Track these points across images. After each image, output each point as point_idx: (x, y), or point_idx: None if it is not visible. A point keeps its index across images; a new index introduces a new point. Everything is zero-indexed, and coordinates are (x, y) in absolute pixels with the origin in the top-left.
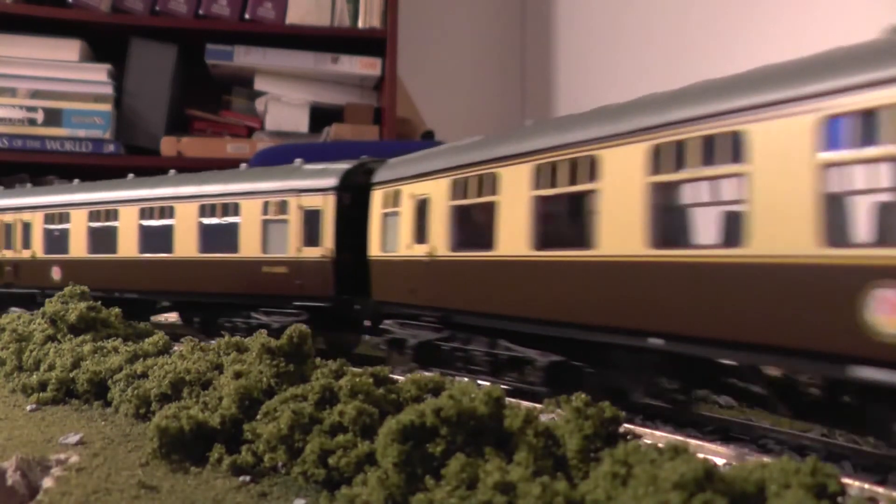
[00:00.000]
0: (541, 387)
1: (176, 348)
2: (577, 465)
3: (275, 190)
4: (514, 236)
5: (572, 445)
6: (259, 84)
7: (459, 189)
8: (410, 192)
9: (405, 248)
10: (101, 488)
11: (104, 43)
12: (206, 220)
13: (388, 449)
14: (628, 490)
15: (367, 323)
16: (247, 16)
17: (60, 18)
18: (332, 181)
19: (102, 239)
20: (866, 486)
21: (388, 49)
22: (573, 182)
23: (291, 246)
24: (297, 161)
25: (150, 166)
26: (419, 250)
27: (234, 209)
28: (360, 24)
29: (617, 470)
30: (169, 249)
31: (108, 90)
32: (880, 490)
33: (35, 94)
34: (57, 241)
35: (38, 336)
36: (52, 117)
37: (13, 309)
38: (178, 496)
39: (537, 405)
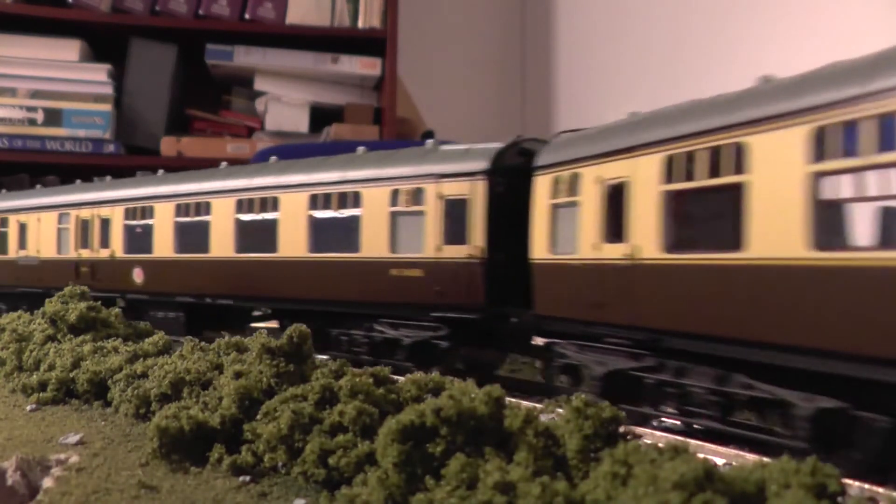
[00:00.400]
0: (800, 441)
1: (176, 348)
2: (577, 465)
3: (407, 175)
4: (777, 231)
5: (572, 445)
6: (259, 84)
7: (679, 168)
8: (597, 175)
9: (589, 248)
10: (101, 488)
11: (104, 43)
12: (319, 214)
13: (388, 449)
14: (628, 490)
15: (534, 340)
16: (247, 16)
17: (60, 18)
18: (482, 163)
19: (192, 236)
20: (866, 486)
21: (388, 49)
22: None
23: (429, 244)
24: (429, 142)
25: (150, 166)
26: (611, 252)
27: (354, 200)
28: (360, 24)
29: (617, 470)
30: (272, 248)
31: (108, 90)
32: (880, 490)
33: (35, 94)
34: (139, 239)
35: (38, 336)
36: (52, 117)
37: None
38: (178, 496)
39: (537, 405)
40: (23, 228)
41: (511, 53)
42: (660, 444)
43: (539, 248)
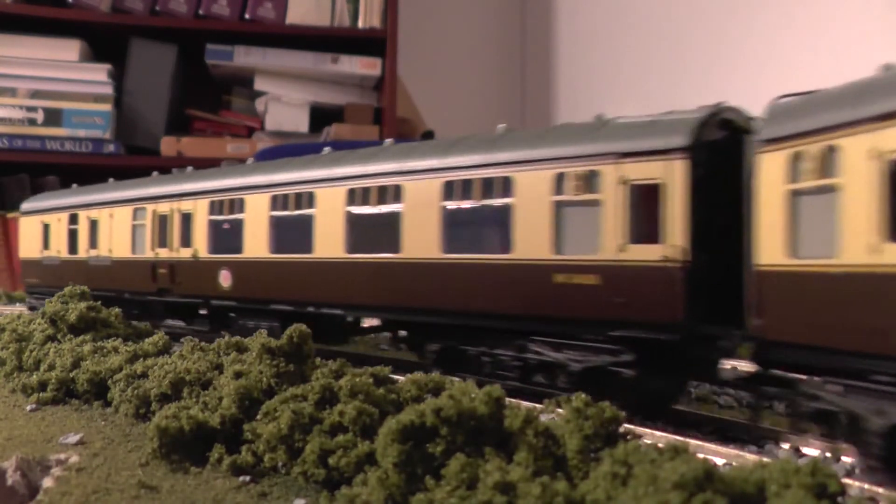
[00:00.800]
0: None
1: (176, 348)
2: (577, 465)
3: (576, 156)
4: None
5: (572, 445)
6: (259, 84)
7: None
8: (872, 146)
9: (860, 250)
10: (101, 488)
11: (104, 43)
12: (455, 205)
13: (388, 449)
14: (628, 490)
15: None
16: (247, 16)
17: (60, 18)
18: (679, 138)
19: (291, 233)
20: (866, 486)
21: (388, 49)
22: None
23: (607, 242)
24: (600, 115)
25: (150, 167)
26: None
27: (503, 187)
28: (360, 24)
29: (617, 470)
30: (393, 248)
31: (108, 90)
32: (880, 490)
33: (35, 94)
34: (227, 237)
35: (38, 336)
36: (52, 117)
37: (168, 321)
38: (178, 496)
39: (537, 405)
40: (94, 226)
41: (511, 53)
42: (660, 444)
43: (769, 250)
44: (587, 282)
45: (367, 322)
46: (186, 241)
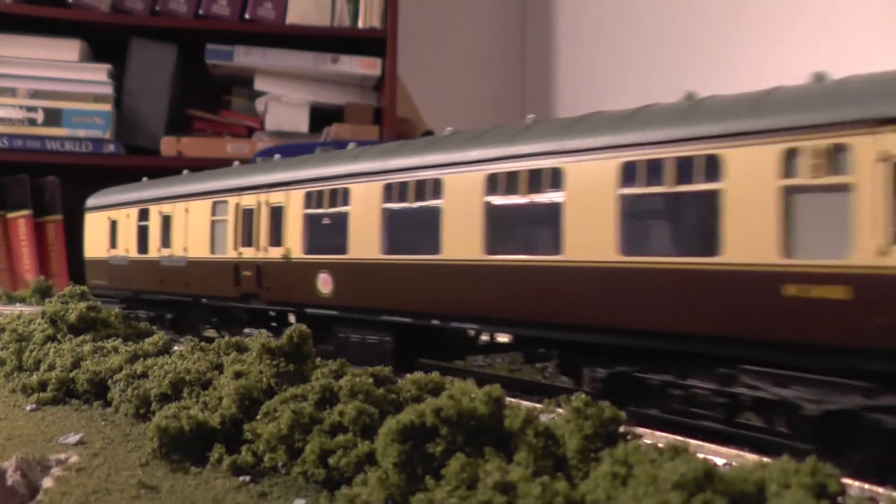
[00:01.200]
0: None
1: (176, 348)
2: (577, 465)
3: (807, 125)
4: None
5: (572, 445)
6: (259, 84)
7: None
8: None
9: None
10: (101, 488)
11: (104, 43)
12: (639, 192)
13: (388, 449)
14: (628, 490)
15: None
16: (247, 16)
17: (60, 18)
18: None
19: (411, 230)
20: (866, 486)
21: (388, 49)
22: None
23: (861, 242)
24: (817, 71)
25: (150, 167)
26: None
27: (707, 168)
28: (360, 24)
29: (617, 470)
30: (551, 248)
31: (108, 90)
32: (880, 490)
33: (35, 94)
34: (327, 234)
35: (38, 336)
36: (52, 117)
37: (250, 330)
38: (178, 496)
39: (537, 405)
40: (166, 222)
41: (511, 53)
42: (660, 444)
43: None
44: (832, 296)
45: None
46: (276, 238)
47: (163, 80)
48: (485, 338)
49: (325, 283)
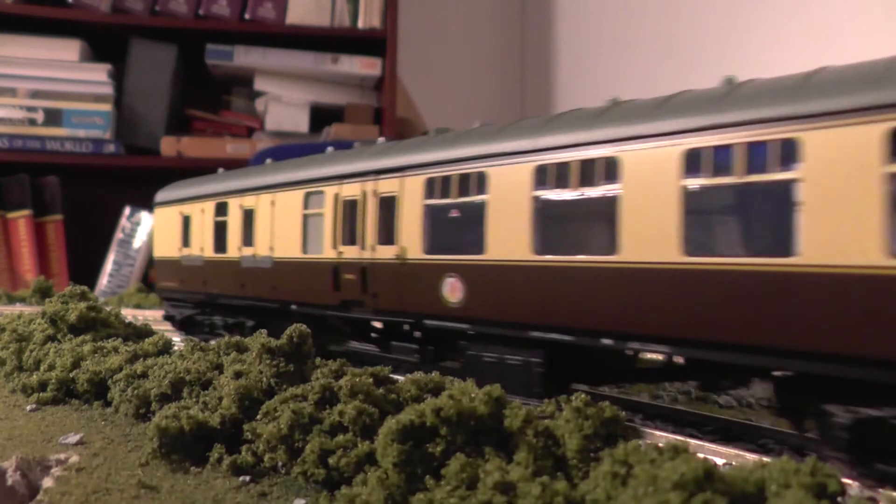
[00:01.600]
0: None
1: (176, 348)
2: (577, 465)
3: None
4: None
5: (572, 445)
6: (259, 84)
7: None
8: None
9: None
10: (101, 488)
11: (104, 43)
12: None
13: (388, 449)
14: (628, 490)
15: None
16: (247, 16)
17: (60, 18)
18: None
19: (574, 224)
20: (866, 486)
21: (388, 49)
22: None
23: None
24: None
25: (150, 167)
26: None
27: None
28: (360, 24)
29: (617, 470)
30: (778, 247)
31: (108, 90)
32: (880, 490)
33: (35, 94)
34: (455, 230)
35: (38, 336)
36: (52, 117)
37: (356, 344)
38: (178, 496)
39: (537, 405)
40: (248, 217)
41: (511, 53)
42: (660, 444)
43: None
44: None
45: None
46: (388, 235)
47: (163, 80)
48: (646, 357)
49: (452, 290)
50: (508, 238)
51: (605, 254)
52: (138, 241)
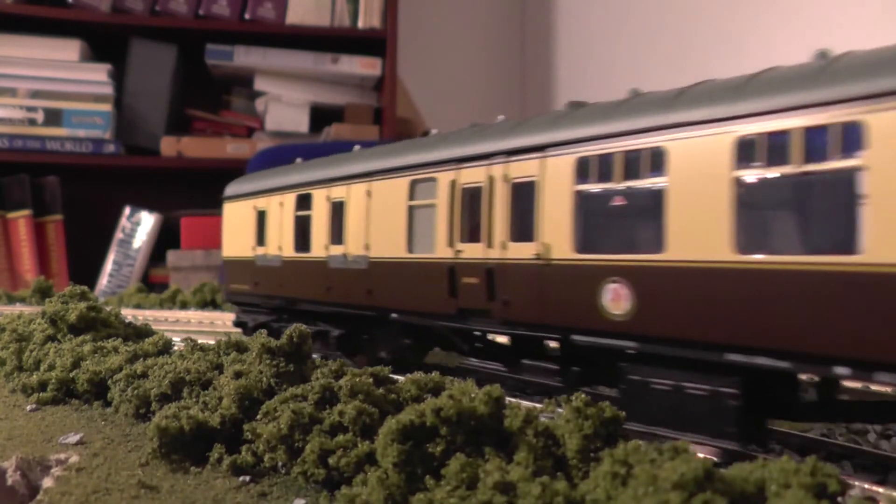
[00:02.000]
0: None
1: (176, 348)
2: (577, 465)
3: None
4: None
5: (572, 445)
6: (259, 84)
7: None
8: None
9: None
10: (101, 488)
11: (104, 43)
12: None
13: (388, 449)
14: (628, 490)
15: None
16: (247, 16)
17: (60, 18)
18: None
19: (799, 212)
20: (866, 485)
21: (388, 49)
22: None
23: None
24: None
25: (150, 167)
26: None
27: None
28: (360, 24)
29: (617, 470)
30: None
31: (108, 90)
32: (880, 490)
33: (35, 94)
34: (620, 223)
35: (38, 336)
36: (52, 117)
37: (474, 361)
38: (178, 496)
39: (537, 405)
40: (338, 210)
41: (511, 53)
42: (661, 446)
43: None
44: None
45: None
46: (524, 229)
47: (163, 80)
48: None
49: (615, 299)
50: (698, 232)
51: (843, 252)
52: (138, 241)
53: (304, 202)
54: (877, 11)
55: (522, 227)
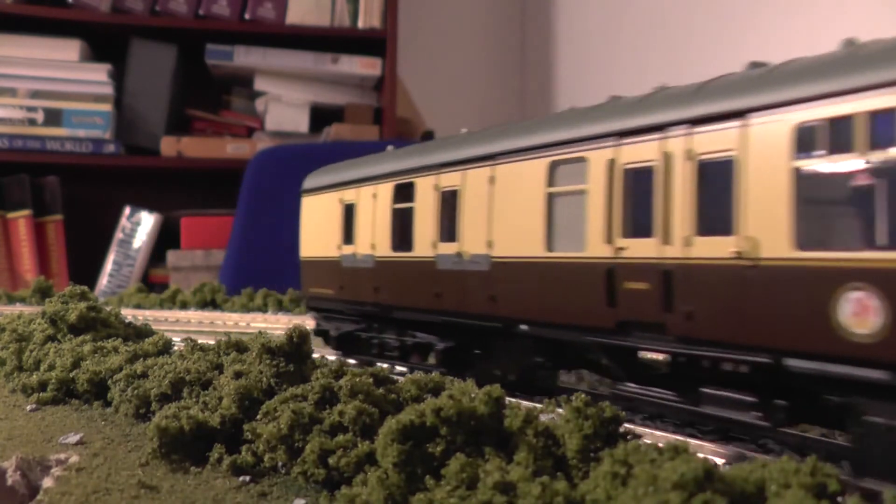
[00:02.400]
0: None
1: (176, 348)
2: (577, 465)
3: None
4: None
5: (572, 445)
6: (259, 84)
7: None
8: None
9: None
10: (101, 488)
11: (104, 43)
12: None
13: (388, 449)
14: (628, 490)
15: None
16: (247, 16)
17: (60, 18)
18: None
19: None
20: (866, 486)
21: (388, 49)
22: None
23: None
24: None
25: (151, 167)
26: None
27: None
28: (360, 24)
29: (617, 470)
30: None
31: (108, 90)
32: (880, 490)
33: (35, 94)
34: (867, 213)
35: (38, 336)
36: (52, 117)
37: (632, 387)
38: (178, 496)
39: (537, 405)
40: (449, 201)
41: (511, 52)
42: (660, 444)
43: None
44: None
45: None
46: (717, 220)
47: (163, 80)
48: None
49: (859, 313)
50: None
51: None
52: (138, 241)
53: (404, 192)
54: (877, 11)
55: (714, 216)
